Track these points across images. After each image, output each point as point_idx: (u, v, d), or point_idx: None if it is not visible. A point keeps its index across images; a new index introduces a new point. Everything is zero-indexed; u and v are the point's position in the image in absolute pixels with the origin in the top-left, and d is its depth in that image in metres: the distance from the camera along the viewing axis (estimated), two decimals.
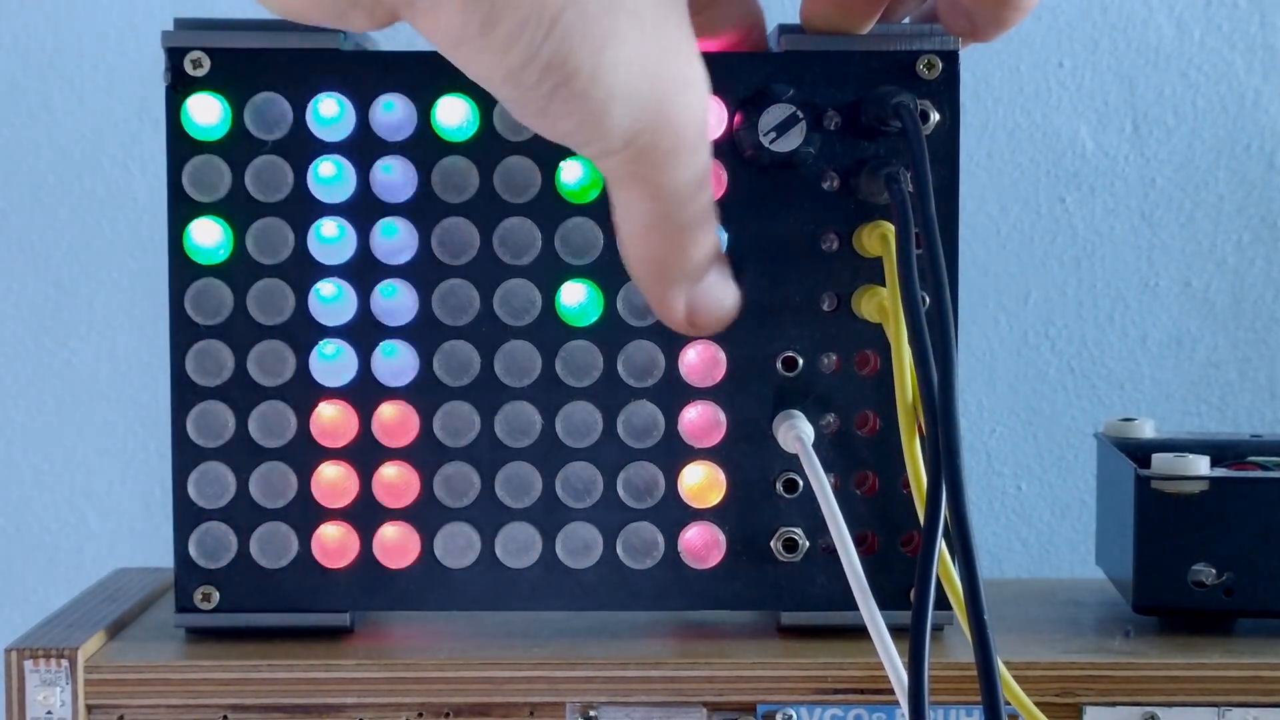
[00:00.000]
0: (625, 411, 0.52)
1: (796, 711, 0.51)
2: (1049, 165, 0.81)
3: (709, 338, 0.52)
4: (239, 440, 0.52)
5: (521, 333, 0.52)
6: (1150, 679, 0.51)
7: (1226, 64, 0.81)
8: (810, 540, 0.52)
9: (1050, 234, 0.81)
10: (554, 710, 0.51)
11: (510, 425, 0.52)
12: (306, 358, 0.52)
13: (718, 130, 0.51)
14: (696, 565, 0.52)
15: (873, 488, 0.52)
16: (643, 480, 0.52)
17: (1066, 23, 0.81)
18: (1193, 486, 0.53)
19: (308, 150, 0.51)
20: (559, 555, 0.52)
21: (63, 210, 0.80)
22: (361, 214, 0.51)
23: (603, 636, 0.53)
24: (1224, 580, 0.53)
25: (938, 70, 0.51)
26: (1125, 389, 0.82)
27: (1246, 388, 0.82)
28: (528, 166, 0.51)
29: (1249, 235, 0.81)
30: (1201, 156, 0.81)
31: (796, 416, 0.51)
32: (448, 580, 0.52)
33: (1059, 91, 0.81)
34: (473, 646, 0.52)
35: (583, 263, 0.52)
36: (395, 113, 0.51)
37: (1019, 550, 0.83)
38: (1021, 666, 0.49)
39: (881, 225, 0.51)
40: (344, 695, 0.50)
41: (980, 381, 0.82)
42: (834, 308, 0.52)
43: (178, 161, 0.51)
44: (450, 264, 0.52)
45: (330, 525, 0.52)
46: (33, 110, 0.80)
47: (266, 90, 0.51)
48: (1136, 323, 0.82)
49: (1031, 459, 0.83)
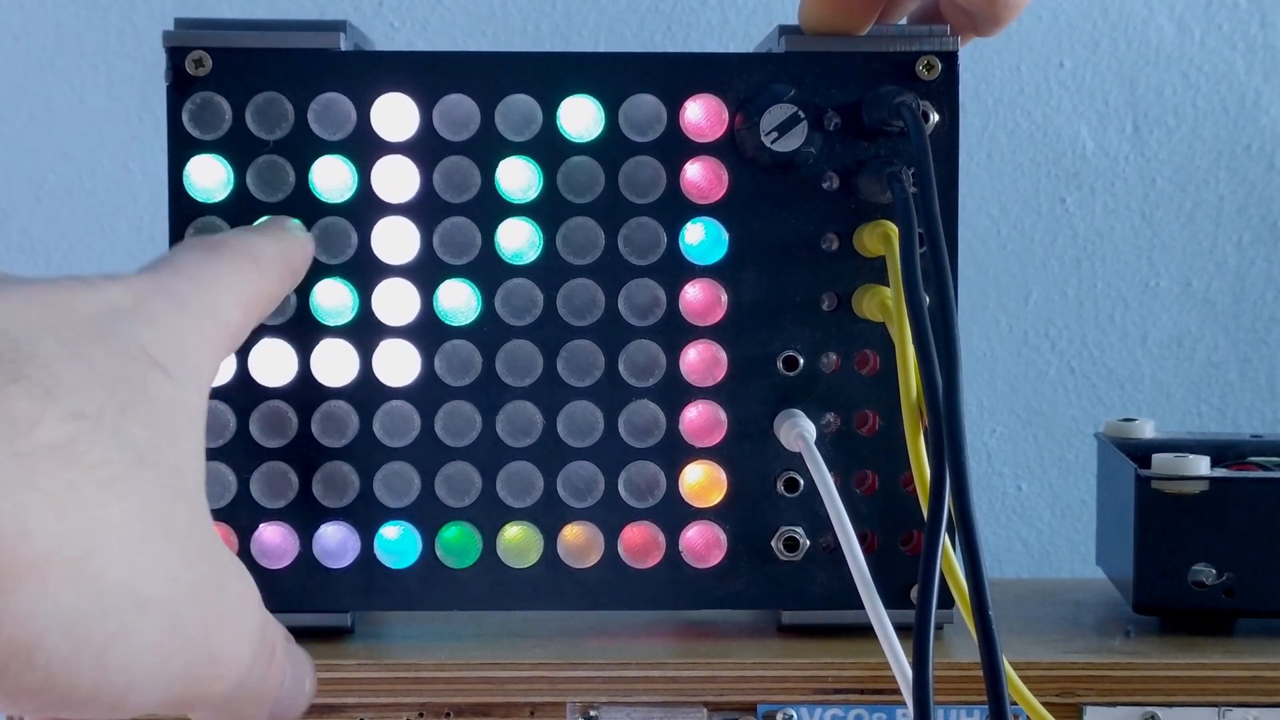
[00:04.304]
0: (626, 411, 0.52)
1: (797, 711, 0.51)
2: (1049, 165, 0.81)
3: (710, 337, 0.52)
4: (239, 440, 0.52)
5: (523, 332, 0.52)
6: (1150, 679, 0.51)
7: (1227, 64, 0.81)
8: (811, 539, 0.52)
9: (1050, 234, 0.81)
10: (554, 710, 0.51)
11: (511, 425, 0.52)
12: (308, 357, 0.52)
13: (718, 130, 0.51)
14: (697, 564, 0.52)
15: (873, 487, 0.53)
16: (644, 479, 0.52)
17: (1066, 23, 0.81)
18: (1193, 486, 0.53)
19: (309, 150, 0.51)
20: (560, 555, 0.52)
21: (63, 210, 0.80)
22: (362, 214, 0.51)
23: (603, 636, 0.53)
24: (1224, 580, 0.53)
25: (937, 71, 0.52)
26: (1125, 389, 0.82)
27: (1246, 388, 0.82)
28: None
29: (1249, 235, 0.81)
30: (1201, 156, 0.81)
31: (798, 415, 0.51)
32: (448, 580, 0.52)
33: (1059, 91, 0.81)
34: (473, 646, 0.52)
35: (584, 262, 0.52)
36: (399, 109, 0.51)
37: (1019, 550, 0.83)
38: (1022, 666, 0.49)
39: (884, 224, 0.51)
40: (344, 695, 0.51)
41: (980, 381, 0.82)
42: (834, 307, 0.52)
43: (178, 161, 0.51)
44: (451, 263, 0.52)
45: (330, 525, 0.52)
46: (33, 110, 0.80)
47: (267, 90, 0.51)
48: (1136, 323, 0.82)
49: (1031, 459, 0.83)
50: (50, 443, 0.31)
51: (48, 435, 0.31)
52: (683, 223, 0.52)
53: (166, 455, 0.34)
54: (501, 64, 0.51)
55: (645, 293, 0.52)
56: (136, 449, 0.33)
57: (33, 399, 0.31)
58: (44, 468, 0.31)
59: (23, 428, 0.31)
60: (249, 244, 0.42)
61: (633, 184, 0.51)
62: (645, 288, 0.52)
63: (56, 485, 0.31)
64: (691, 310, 0.52)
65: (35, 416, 0.31)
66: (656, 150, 0.51)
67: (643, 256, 0.52)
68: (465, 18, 0.81)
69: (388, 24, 0.81)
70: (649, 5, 0.82)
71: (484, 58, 0.52)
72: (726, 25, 0.82)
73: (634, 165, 0.51)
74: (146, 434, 0.33)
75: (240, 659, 0.35)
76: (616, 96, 0.51)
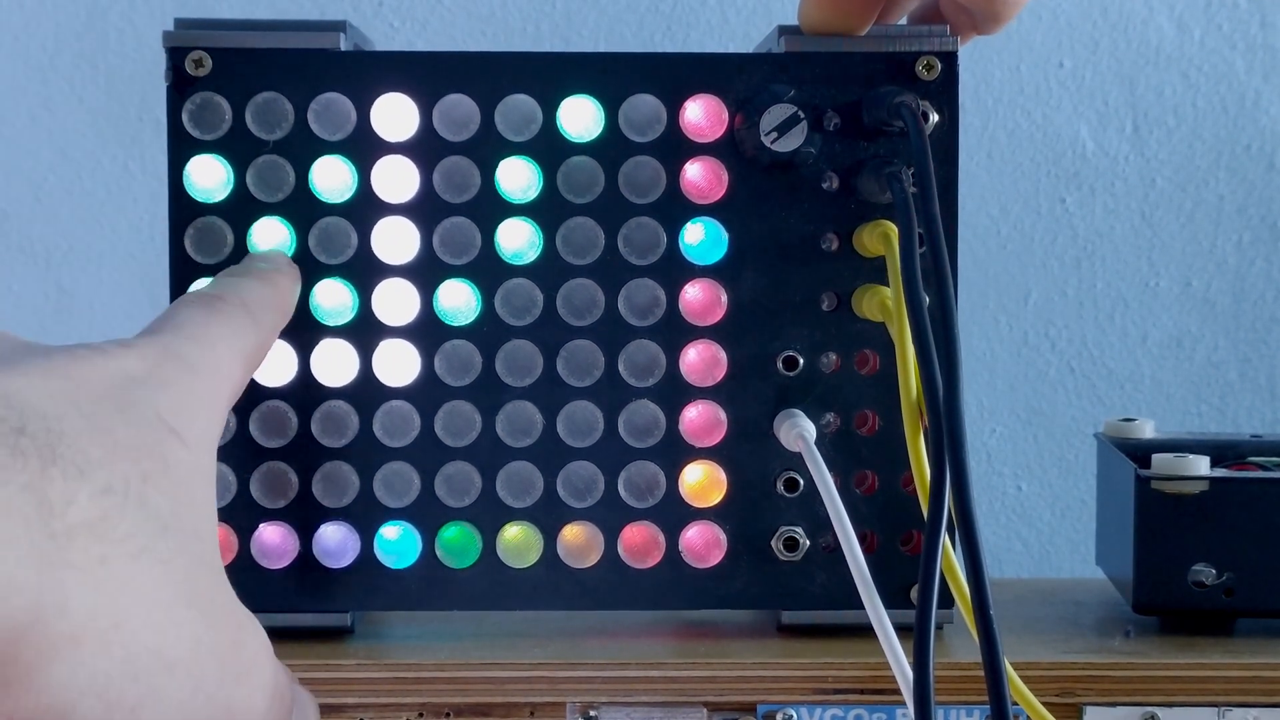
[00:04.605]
0: (626, 411, 0.52)
1: (797, 711, 0.51)
2: (1049, 165, 0.81)
3: (710, 337, 0.52)
4: (239, 440, 0.52)
5: (523, 332, 0.52)
6: (1150, 679, 0.51)
7: (1227, 64, 0.81)
8: (811, 539, 0.52)
9: (1050, 234, 0.81)
10: (554, 710, 0.51)
11: (511, 425, 0.52)
12: (308, 357, 0.52)
13: (717, 130, 0.51)
14: (697, 564, 0.52)
15: (873, 487, 0.53)
16: (644, 479, 0.52)
17: (1066, 23, 0.81)
18: (1193, 486, 0.53)
19: (309, 150, 0.51)
20: (559, 555, 0.52)
21: (63, 210, 0.80)
22: (362, 214, 0.51)
23: (603, 636, 0.53)
24: (1224, 580, 0.53)
25: (937, 71, 0.52)
26: (1125, 389, 0.82)
27: (1246, 388, 0.82)
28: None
29: (1249, 235, 0.81)
30: (1201, 156, 0.81)
31: (798, 415, 0.51)
32: (448, 580, 0.52)
33: (1059, 91, 0.81)
34: (473, 646, 0.52)
35: (584, 262, 0.52)
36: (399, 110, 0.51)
37: (1019, 550, 0.83)
38: (1022, 666, 0.49)
39: (883, 224, 0.51)
40: (344, 695, 0.51)
41: (980, 381, 0.82)
42: (834, 307, 0.52)
43: (178, 161, 0.51)
44: (451, 263, 0.52)
45: (330, 525, 0.52)
46: (33, 110, 0.80)
47: (267, 90, 0.51)
48: (1136, 323, 0.82)
49: (1031, 459, 0.83)
50: (84, 521, 0.33)
51: (81, 514, 0.33)
52: (682, 223, 0.52)
53: (186, 522, 0.36)
54: (501, 64, 0.51)
55: (645, 293, 0.52)
56: (160, 519, 0.35)
57: (67, 479, 0.33)
58: (78, 545, 0.33)
59: (58, 508, 0.33)
60: (243, 296, 0.44)
61: (632, 184, 0.52)
62: (645, 288, 0.52)
63: (90, 560, 0.33)
64: (691, 310, 0.52)
65: (69, 497, 0.33)
66: (656, 150, 0.51)
67: (642, 256, 0.52)
68: (465, 18, 0.81)
69: (388, 24, 0.81)
70: (649, 5, 0.82)
71: (484, 58, 0.52)
72: (726, 25, 0.82)
73: (634, 165, 0.51)
74: (168, 503, 0.35)
75: (256, 709, 0.37)
76: (616, 96, 0.51)
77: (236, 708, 0.37)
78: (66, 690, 0.32)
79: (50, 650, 0.32)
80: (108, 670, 0.33)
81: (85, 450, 0.34)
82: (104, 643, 0.33)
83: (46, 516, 0.32)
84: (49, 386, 0.35)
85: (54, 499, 0.32)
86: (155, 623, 0.34)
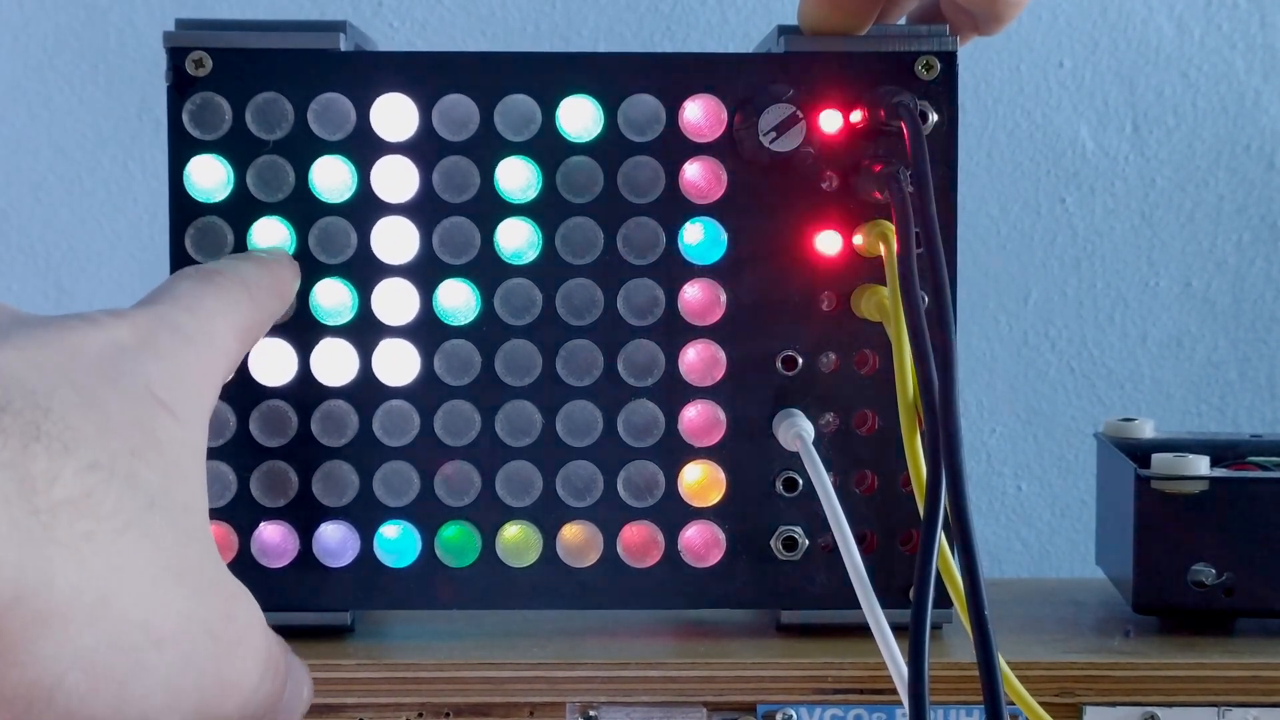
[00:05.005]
0: (625, 410, 0.52)
1: (796, 711, 0.51)
2: (1049, 165, 0.81)
3: (709, 337, 0.52)
4: (239, 439, 0.52)
5: (522, 332, 0.52)
6: (1150, 679, 0.51)
7: (1226, 64, 0.81)
8: (810, 539, 0.52)
9: (1050, 234, 0.81)
10: (554, 710, 0.51)
11: (511, 424, 0.52)
12: (308, 356, 0.52)
13: (716, 130, 0.51)
14: (696, 564, 0.52)
15: (872, 486, 0.53)
16: (643, 479, 0.52)
17: (1066, 23, 0.81)
18: (1193, 486, 0.53)
19: (308, 150, 0.51)
20: (559, 554, 0.52)
21: (63, 210, 0.80)
22: (362, 214, 0.52)
23: (603, 636, 0.53)
24: (1224, 580, 0.53)
25: (936, 71, 0.52)
26: (1125, 389, 0.82)
27: (1246, 388, 0.82)
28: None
29: (1249, 235, 0.81)
30: (1201, 156, 0.81)
31: (797, 415, 0.51)
32: (447, 579, 0.52)
33: (1059, 91, 0.81)
34: (473, 646, 0.52)
35: (583, 262, 0.52)
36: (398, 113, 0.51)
37: (1019, 550, 0.83)
38: (1021, 666, 0.49)
39: (881, 224, 0.51)
40: (344, 695, 0.51)
41: (980, 381, 0.82)
42: (833, 307, 0.52)
43: (178, 161, 0.51)
44: (451, 263, 0.52)
45: (330, 524, 0.52)
46: (33, 110, 0.80)
47: (267, 90, 0.51)
48: (1136, 323, 0.82)
49: (1031, 459, 0.83)
50: (68, 497, 0.33)
51: (66, 491, 0.33)
52: (682, 222, 0.52)
53: (176, 496, 0.36)
54: (501, 64, 0.52)
55: (644, 292, 0.52)
56: (148, 493, 0.35)
57: (51, 456, 0.33)
58: (63, 521, 0.32)
59: (42, 485, 0.32)
60: (241, 273, 0.44)
61: (632, 184, 0.52)
62: (644, 287, 0.52)
63: (75, 536, 0.33)
64: (690, 310, 0.52)
65: (54, 473, 0.33)
66: (655, 150, 0.51)
67: (642, 256, 0.52)
68: (465, 18, 0.81)
69: (387, 24, 0.81)
70: (648, 5, 0.82)
71: (484, 58, 0.52)
72: (726, 25, 0.82)
73: (633, 165, 0.51)
74: (157, 478, 0.35)
75: (248, 681, 0.37)
76: (616, 96, 0.51)
77: (228, 679, 0.36)
78: (53, 665, 0.32)
79: (36, 625, 0.32)
80: (94, 645, 0.33)
81: (73, 425, 0.34)
82: (91, 618, 0.33)
83: (29, 494, 0.32)
84: (39, 360, 0.34)
85: (37, 475, 0.32)
86: (143, 597, 0.34)
